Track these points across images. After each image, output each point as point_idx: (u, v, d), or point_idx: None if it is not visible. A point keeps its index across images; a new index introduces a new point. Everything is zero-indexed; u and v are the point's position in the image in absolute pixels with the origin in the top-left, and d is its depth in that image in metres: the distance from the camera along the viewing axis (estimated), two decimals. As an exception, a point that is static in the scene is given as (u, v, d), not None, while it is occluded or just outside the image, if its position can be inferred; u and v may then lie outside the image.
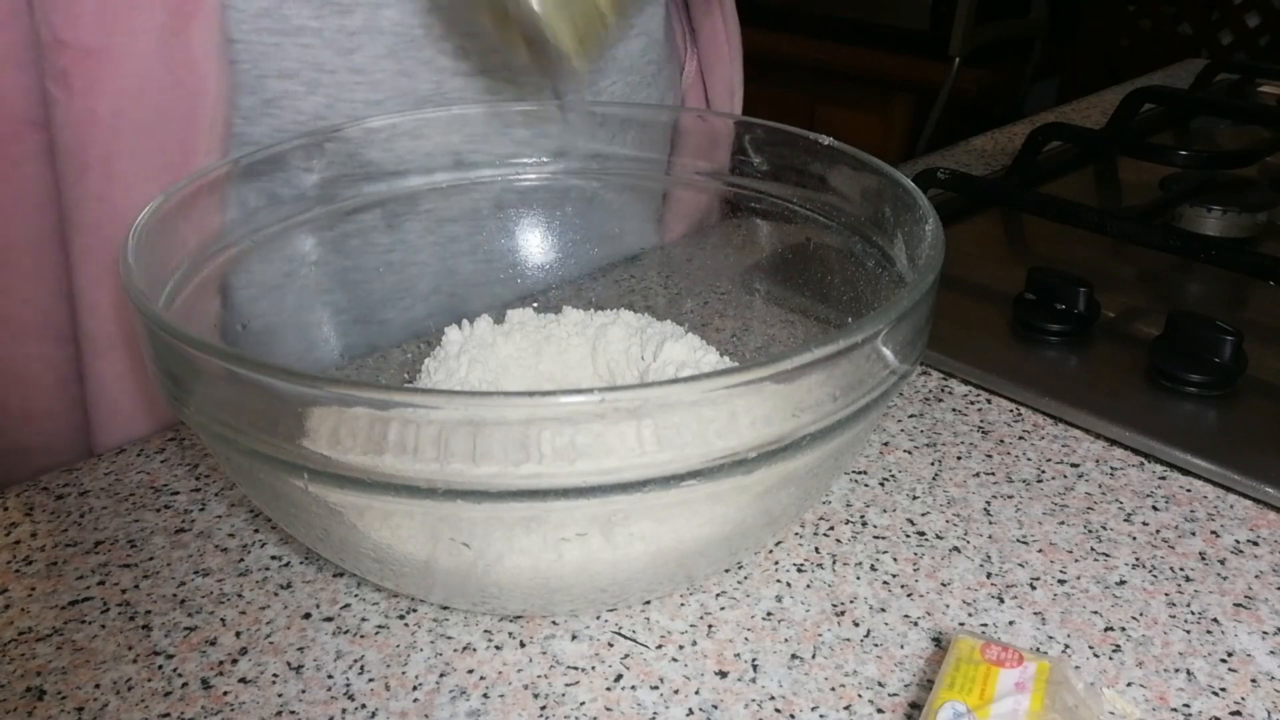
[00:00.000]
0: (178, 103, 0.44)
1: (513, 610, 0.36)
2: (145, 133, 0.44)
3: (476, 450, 0.27)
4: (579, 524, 0.31)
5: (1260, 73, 0.90)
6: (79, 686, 0.33)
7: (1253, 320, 0.54)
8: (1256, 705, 0.33)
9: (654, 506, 0.31)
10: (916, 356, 0.33)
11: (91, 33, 0.43)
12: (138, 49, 0.43)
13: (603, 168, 0.50)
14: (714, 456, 0.28)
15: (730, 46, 0.65)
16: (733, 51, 0.65)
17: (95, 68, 0.43)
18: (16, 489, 0.43)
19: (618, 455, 0.27)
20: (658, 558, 0.32)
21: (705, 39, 0.65)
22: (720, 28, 0.64)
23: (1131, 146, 0.69)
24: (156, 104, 0.44)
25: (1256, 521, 0.41)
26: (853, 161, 0.42)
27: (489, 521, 0.31)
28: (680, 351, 0.43)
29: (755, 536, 0.35)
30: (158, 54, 0.43)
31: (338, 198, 0.46)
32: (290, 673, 0.34)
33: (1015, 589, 0.37)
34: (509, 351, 0.45)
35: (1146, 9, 1.90)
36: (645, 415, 0.27)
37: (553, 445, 0.27)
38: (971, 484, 0.43)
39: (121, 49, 0.43)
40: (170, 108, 0.44)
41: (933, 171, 0.60)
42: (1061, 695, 0.29)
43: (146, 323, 0.30)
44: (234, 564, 0.39)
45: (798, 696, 0.33)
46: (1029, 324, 0.51)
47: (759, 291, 0.49)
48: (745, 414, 0.28)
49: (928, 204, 0.37)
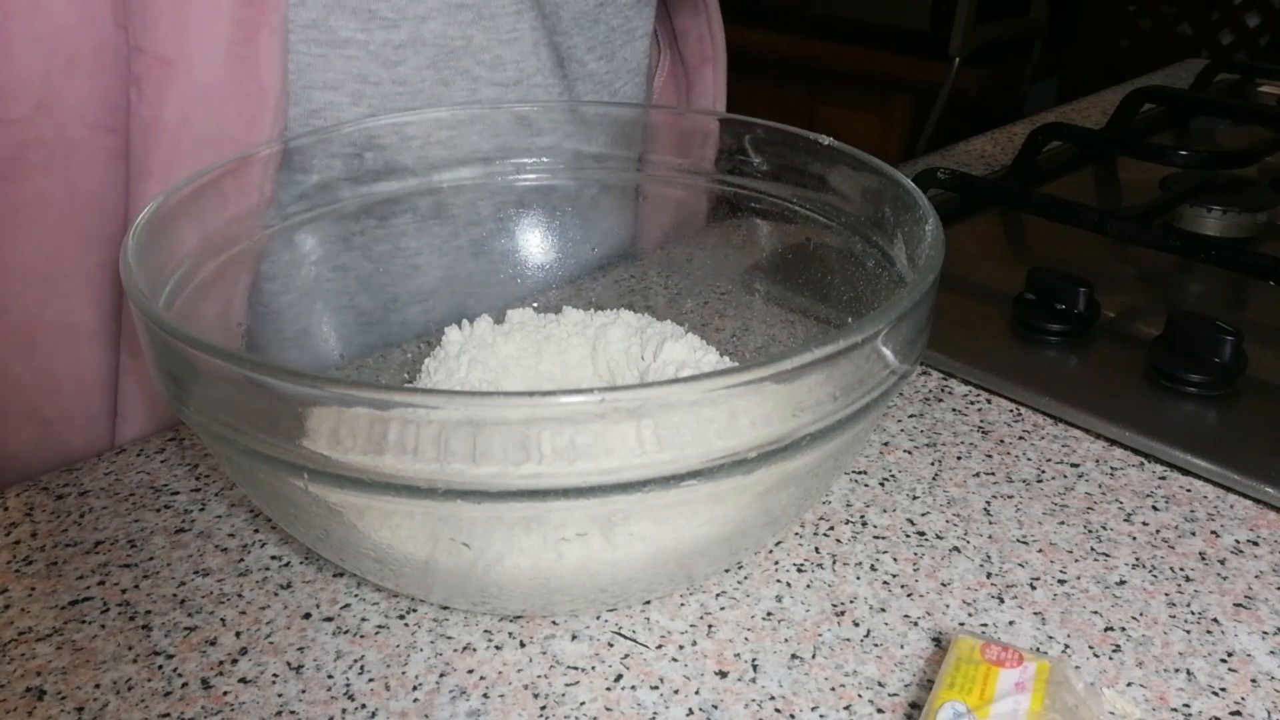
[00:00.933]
0: (239, 114, 0.45)
1: (513, 610, 0.36)
2: (206, 142, 0.45)
3: (476, 450, 0.27)
4: (579, 524, 0.31)
5: (1260, 73, 0.90)
6: (79, 686, 0.33)
7: (1253, 320, 0.54)
8: (1256, 705, 0.33)
9: (654, 506, 0.31)
10: (916, 356, 0.33)
11: (166, 41, 0.43)
12: (207, 58, 0.43)
13: (603, 168, 0.50)
14: (714, 456, 0.28)
15: (715, 51, 0.65)
16: (717, 56, 0.65)
17: (166, 76, 0.43)
18: (16, 489, 0.43)
19: (618, 455, 0.27)
20: (658, 558, 0.32)
21: (690, 43, 0.64)
22: (705, 32, 0.64)
23: (1131, 146, 0.69)
24: (219, 114, 0.45)
25: (1256, 521, 0.41)
26: (853, 161, 0.42)
27: (489, 521, 0.31)
28: (680, 351, 0.43)
29: (755, 536, 0.35)
30: (224, 64, 0.44)
31: (338, 198, 0.46)
32: (290, 673, 0.34)
33: (1015, 589, 0.37)
34: (509, 351, 0.45)
35: (1146, 9, 1.90)
36: (645, 415, 0.27)
37: (553, 445, 0.27)
38: (971, 484, 0.43)
39: (192, 58, 0.43)
40: (231, 118, 0.45)
41: (933, 171, 0.60)
42: (1061, 695, 0.29)
43: (146, 323, 0.30)
44: (234, 564, 0.39)
45: (798, 696, 0.33)
46: (1029, 324, 0.51)
47: (759, 291, 0.49)
48: (745, 414, 0.28)
49: (928, 204, 0.37)
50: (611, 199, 0.51)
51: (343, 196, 0.46)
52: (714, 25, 0.65)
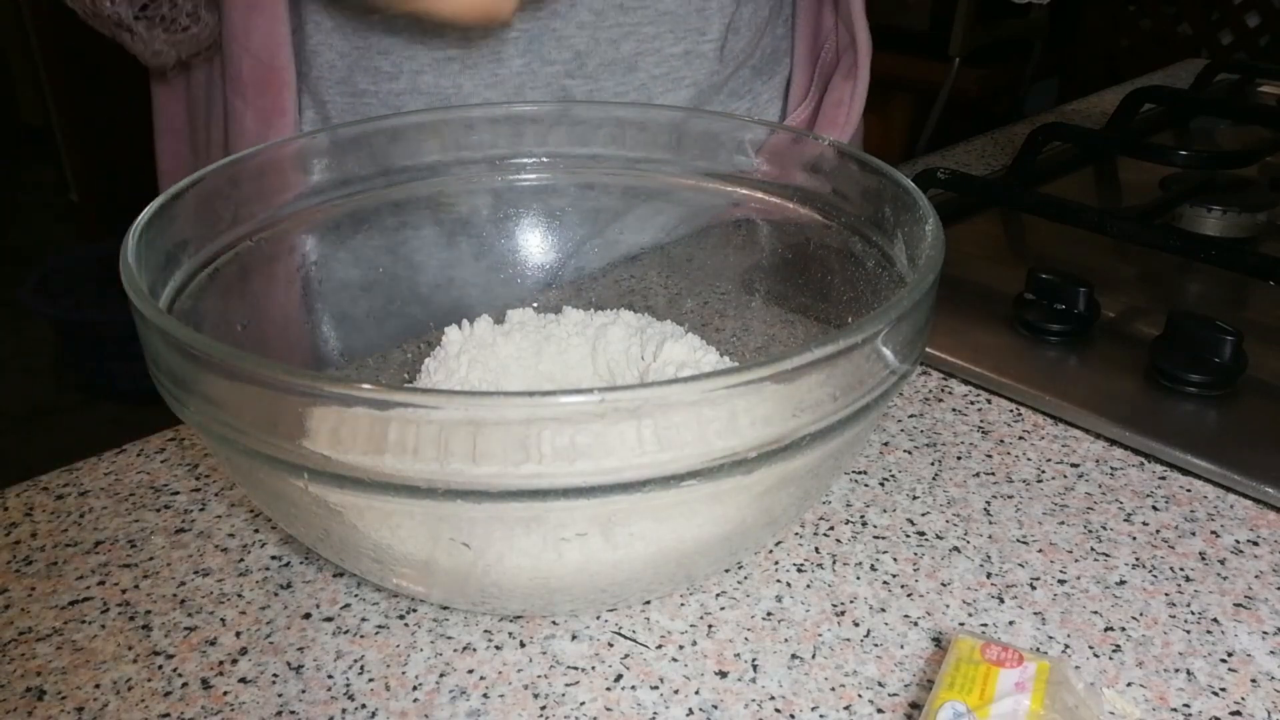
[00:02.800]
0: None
1: (513, 610, 0.36)
2: None
3: (476, 450, 0.27)
4: (579, 524, 0.31)
5: (1260, 73, 0.90)
6: (79, 686, 0.33)
7: (1253, 320, 0.54)
8: (1256, 705, 0.33)
9: (654, 507, 0.31)
10: (916, 356, 0.33)
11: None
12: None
13: (604, 168, 0.50)
14: (714, 456, 0.28)
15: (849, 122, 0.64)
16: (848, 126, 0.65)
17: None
18: (16, 489, 0.43)
19: (617, 455, 0.27)
20: (658, 558, 0.32)
21: (830, 102, 0.64)
22: (846, 99, 0.64)
23: (1131, 146, 0.69)
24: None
25: (1256, 521, 0.41)
26: (853, 161, 0.42)
27: (489, 521, 0.31)
28: (680, 351, 0.43)
29: (755, 536, 0.35)
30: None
31: (338, 199, 0.46)
32: (290, 673, 0.34)
33: (1015, 589, 0.37)
34: (509, 351, 0.45)
35: (1146, 9, 1.90)
36: (645, 415, 0.27)
37: (553, 445, 0.27)
38: (971, 484, 0.43)
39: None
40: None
41: (933, 171, 0.60)
42: (1061, 695, 0.29)
43: (146, 322, 0.30)
44: (234, 564, 0.39)
45: (798, 696, 0.33)
46: (1029, 324, 0.51)
47: (759, 291, 0.49)
48: (745, 414, 0.28)
49: (928, 204, 0.37)
50: (612, 199, 0.51)
51: (344, 197, 0.46)
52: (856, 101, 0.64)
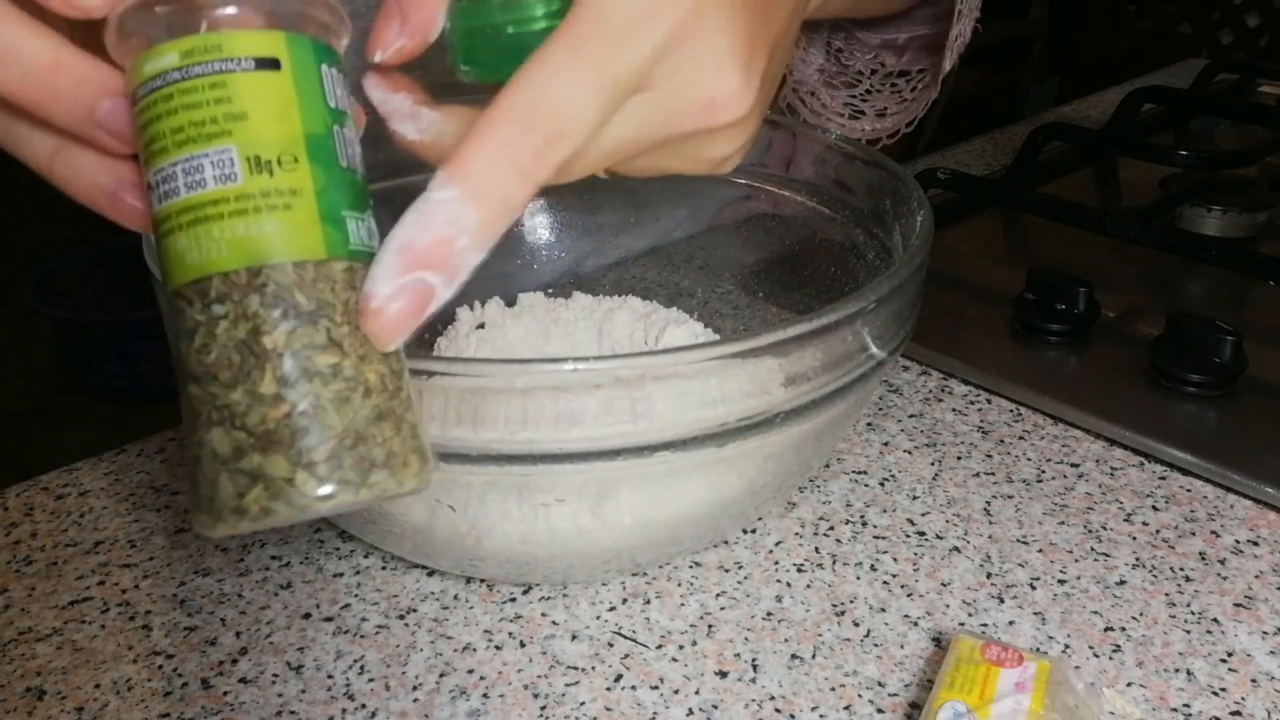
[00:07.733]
0: None
1: (511, 577, 0.36)
2: None
3: (478, 417, 0.29)
4: (561, 491, 0.32)
5: (1260, 73, 0.90)
6: (79, 686, 0.33)
7: (1253, 320, 0.54)
8: (1256, 705, 0.33)
9: (637, 475, 0.32)
10: (899, 344, 0.34)
11: None
12: None
13: None
14: (694, 428, 0.29)
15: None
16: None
17: None
18: (16, 489, 0.43)
19: (596, 424, 0.28)
20: (645, 526, 0.33)
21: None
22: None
23: (1131, 146, 0.69)
24: None
25: (1256, 521, 0.41)
26: (855, 155, 0.43)
27: (485, 486, 0.31)
28: (682, 336, 0.44)
29: (739, 509, 0.36)
30: None
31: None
32: (290, 673, 0.34)
33: (1015, 589, 0.37)
34: (518, 333, 0.45)
35: (1146, 9, 1.90)
36: (623, 386, 0.28)
37: (522, 412, 0.28)
38: (971, 484, 0.43)
39: None
40: None
41: (933, 171, 0.60)
42: (1061, 695, 0.29)
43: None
44: (234, 564, 0.39)
45: (798, 696, 0.33)
46: (1029, 324, 0.51)
47: (759, 291, 0.49)
48: (721, 388, 0.29)
49: (921, 195, 0.38)
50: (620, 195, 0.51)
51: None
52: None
